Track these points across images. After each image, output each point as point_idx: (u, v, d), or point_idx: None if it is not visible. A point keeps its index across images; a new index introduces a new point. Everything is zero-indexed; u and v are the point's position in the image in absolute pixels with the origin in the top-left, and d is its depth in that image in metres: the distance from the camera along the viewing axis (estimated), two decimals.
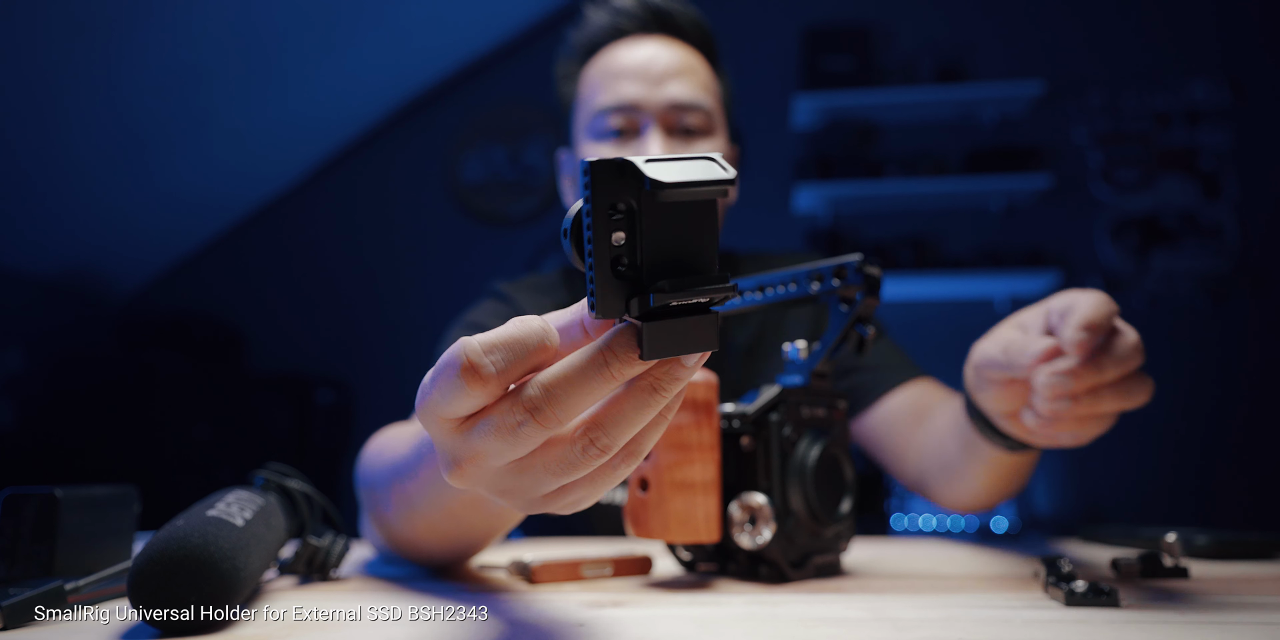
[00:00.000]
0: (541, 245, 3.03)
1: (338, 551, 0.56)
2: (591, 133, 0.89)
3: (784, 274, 0.58)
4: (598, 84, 0.89)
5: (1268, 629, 0.39)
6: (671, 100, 0.86)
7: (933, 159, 2.72)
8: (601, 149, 0.88)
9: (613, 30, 0.91)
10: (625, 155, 0.78)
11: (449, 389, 0.29)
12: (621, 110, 0.86)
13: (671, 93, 0.86)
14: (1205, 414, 2.57)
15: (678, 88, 0.86)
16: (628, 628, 0.40)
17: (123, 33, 2.17)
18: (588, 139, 0.89)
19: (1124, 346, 0.49)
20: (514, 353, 0.29)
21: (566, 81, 0.96)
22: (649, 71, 0.87)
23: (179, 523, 0.40)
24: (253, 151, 2.90)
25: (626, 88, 0.86)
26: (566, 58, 0.96)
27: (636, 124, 0.87)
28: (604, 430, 0.30)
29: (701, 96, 0.88)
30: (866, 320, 0.57)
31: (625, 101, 0.86)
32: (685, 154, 0.28)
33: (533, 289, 0.99)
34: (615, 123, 0.87)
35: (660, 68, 0.87)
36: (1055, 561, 0.51)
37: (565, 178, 0.99)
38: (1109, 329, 0.49)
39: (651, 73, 0.87)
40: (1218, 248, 2.64)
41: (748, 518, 0.53)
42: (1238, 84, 2.68)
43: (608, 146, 0.88)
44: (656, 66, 0.87)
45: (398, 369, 3.00)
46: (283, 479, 0.56)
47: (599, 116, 0.88)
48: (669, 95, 0.86)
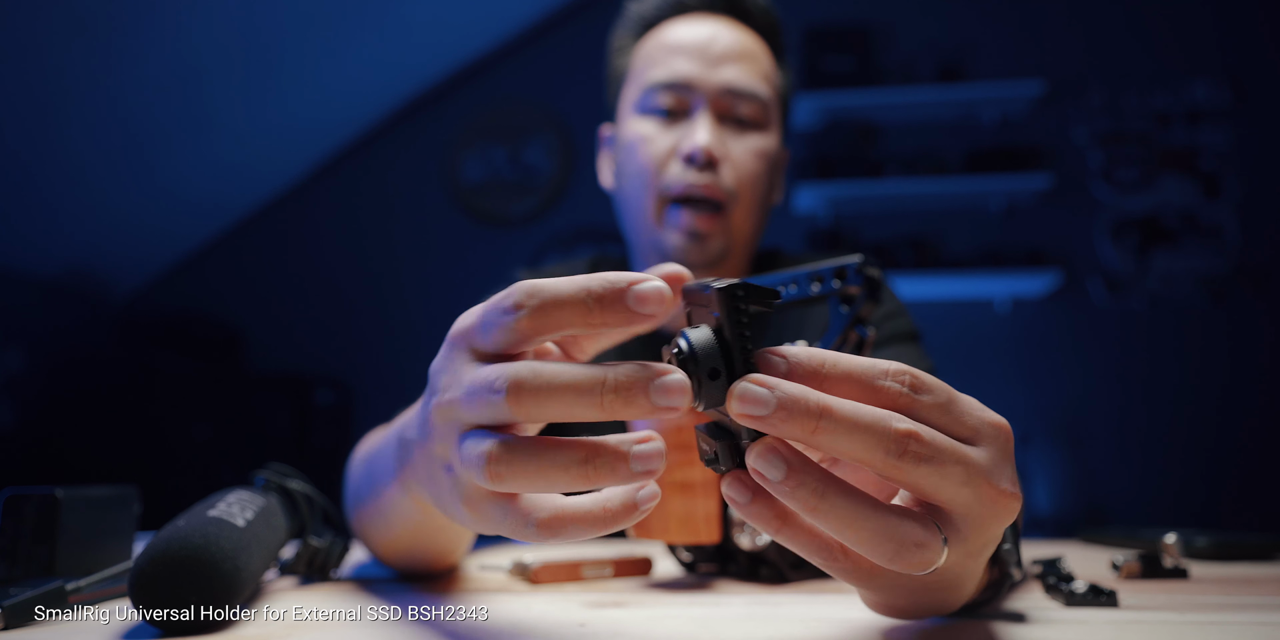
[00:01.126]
0: (542, 245, 3.03)
1: (338, 552, 0.56)
2: (640, 107, 0.84)
3: (784, 275, 0.58)
4: (652, 58, 0.84)
5: (1268, 629, 0.39)
6: (727, 84, 0.81)
7: (933, 159, 2.72)
8: (646, 125, 0.83)
9: (676, 4, 0.86)
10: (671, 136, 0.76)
11: (493, 313, 0.30)
12: (673, 88, 0.81)
13: (728, 76, 0.81)
14: (1205, 414, 2.57)
15: (735, 72, 0.81)
16: (628, 628, 0.40)
17: (123, 33, 2.17)
18: (634, 114, 0.85)
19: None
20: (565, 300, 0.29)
21: (619, 54, 0.90)
22: (708, 51, 0.81)
23: (180, 523, 0.40)
24: (253, 151, 2.90)
25: (681, 64, 0.81)
26: (623, 30, 0.90)
27: (687, 104, 0.82)
28: (505, 463, 0.29)
29: (759, 85, 0.82)
30: (867, 321, 0.57)
31: (679, 79, 0.81)
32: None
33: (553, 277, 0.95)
34: (665, 101, 0.82)
35: (720, 48, 0.82)
36: (1055, 562, 0.51)
37: (605, 154, 0.94)
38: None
39: (710, 53, 0.81)
40: (1218, 248, 2.64)
41: None
42: (1238, 84, 2.68)
43: (653, 124, 0.83)
44: (716, 47, 0.82)
45: (398, 369, 3.00)
46: (283, 479, 0.56)
47: (649, 92, 0.83)
48: (725, 78, 0.81)
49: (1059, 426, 2.66)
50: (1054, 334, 2.71)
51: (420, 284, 3.07)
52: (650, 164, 0.81)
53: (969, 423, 0.30)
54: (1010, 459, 0.31)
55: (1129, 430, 2.61)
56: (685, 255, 0.81)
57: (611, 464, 0.29)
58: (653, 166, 0.81)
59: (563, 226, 3.03)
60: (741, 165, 0.81)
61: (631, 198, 0.85)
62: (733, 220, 0.82)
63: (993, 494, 0.30)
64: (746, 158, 0.82)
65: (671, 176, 0.80)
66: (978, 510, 0.30)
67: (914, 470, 0.28)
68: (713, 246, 0.82)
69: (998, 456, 0.30)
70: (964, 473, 0.29)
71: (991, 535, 0.31)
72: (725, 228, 0.82)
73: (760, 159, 0.83)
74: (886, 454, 0.28)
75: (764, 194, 0.85)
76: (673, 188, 0.80)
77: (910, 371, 0.30)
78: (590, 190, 3.04)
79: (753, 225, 0.85)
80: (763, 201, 0.85)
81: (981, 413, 0.31)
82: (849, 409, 0.28)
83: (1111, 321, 2.67)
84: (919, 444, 0.28)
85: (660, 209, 0.82)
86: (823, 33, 2.79)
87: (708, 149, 0.78)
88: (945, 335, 2.49)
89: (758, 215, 0.85)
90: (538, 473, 0.29)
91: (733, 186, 0.81)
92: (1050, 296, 2.70)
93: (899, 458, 0.28)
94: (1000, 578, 0.40)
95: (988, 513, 0.30)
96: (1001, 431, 0.31)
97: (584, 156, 3.05)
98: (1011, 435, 0.31)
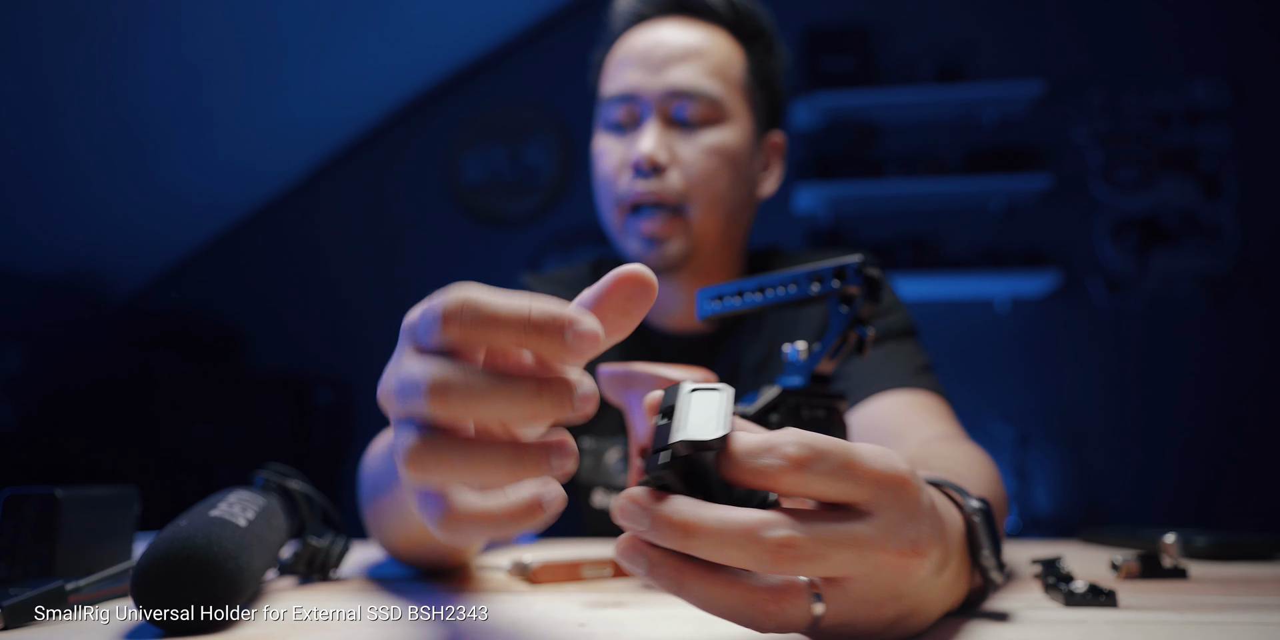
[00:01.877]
0: (542, 245, 3.03)
1: (338, 552, 0.56)
2: (601, 123, 0.86)
3: (784, 275, 0.58)
4: (608, 73, 0.86)
5: (1267, 629, 0.39)
6: (670, 87, 0.81)
7: (933, 159, 2.73)
8: (605, 141, 0.85)
9: (633, 16, 0.87)
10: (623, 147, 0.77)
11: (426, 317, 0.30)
12: (624, 100, 0.83)
13: (670, 79, 0.81)
14: (1205, 414, 2.57)
15: (678, 73, 0.81)
16: (628, 628, 0.40)
17: (123, 33, 2.17)
18: (598, 129, 0.87)
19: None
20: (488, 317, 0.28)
21: (594, 72, 0.92)
22: (651, 57, 0.82)
23: (182, 523, 0.40)
24: (253, 151, 2.90)
25: (629, 75, 0.82)
26: (598, 47, 0.92)
27: (637, 114, 0.83)
28: (422, 454, 0.29)
29: (704, 82, 0.81)
30: (867, 321, 0.57)
31: (626, 90, 0.82)
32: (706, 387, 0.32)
33: (555, 282, 0.96)
34: (618, 114, 0.84)
35: (663, 52, 0.82)
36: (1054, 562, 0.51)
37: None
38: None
39: (654, 58, 0.82)
40: (1218, 248, 2.64)
41: None
42: (1238, 84, 2.68)
43: (611, 138, 0.85)
44: (660, 51, 0.82)
45: None
46: (283, 479, 0.56)
47: (605, 107, 0.85)
48: (667, 82, 0.81)
49: (1059, 426, 2.66)
50: (1054, 334, 2.71)
51: (420, 284, 3.06)
52: (608, 177, 0.85)
53: (867, 483, 0.30)
54: (914, 510, 0.31)
55: (1128, 430, 2.61)
56: (647, 262, 0.82)
57: (536, 459, 0.29)
58: (609, 178, 0.84)
59: (563, 226, 3.03)
60: (691, 166, 0.82)
61: (602, 211, 0.88)
62: (692, 221, 0.83)
63: (890, 560, 0.30)
64: (697, 157, 0.82)
65: (624, 187, 0.83)
66: (878, 577, 0.31)
67: (799, 567, 0.29)
68: (671, 250, 0.83)
69: (897, 516, 0.31)
70: (853, 555, 0.30)
71: (901, 590, 0.32)
72: (684, 229, 0.83)
73: (713, 156, 0.82)
74: (762, 562, 0.29)
75: (725, 190, 0.84)
76: (625, 197, 0.83)
77: (800, 442, 0.30)
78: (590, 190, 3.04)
79: (719, 223, 0.85)
80: (726, 197, 0.84)
81: (882, 468, 0.31)
82: (714, 528, 0.29)
83: (1111, 321, 2.67)
84: (795, 550, 0.29)
85: (621, 219, 0.84)
86: (823, 33, 2.79)
87: (649, 156, 0.80)
88: (945, 335, 2.49)
89: (723, 213, 0.84)
90: (459, 466, 0.29)
91: (683, 188, 0.82)
92: (1050, 296, 2.70)
93: (776, 563, 0.29)
94: (983, 585, 0.41)
95: (888, 576, 0.31)
96: (903, 486, 0.31)
97: (584, 156, 3.05)
98: (915, 485, 0.32)
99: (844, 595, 0.31)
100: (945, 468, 0.51)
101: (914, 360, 0.83)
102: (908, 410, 0.76)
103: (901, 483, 0.31)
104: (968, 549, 0.39)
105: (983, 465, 0.61)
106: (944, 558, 0.34)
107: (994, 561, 0.40)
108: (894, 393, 0.78)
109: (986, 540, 0.39)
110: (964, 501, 0.40)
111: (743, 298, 0.60)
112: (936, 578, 0.34)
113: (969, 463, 0.59)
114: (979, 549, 0.39)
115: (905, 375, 0.80)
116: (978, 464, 0.60)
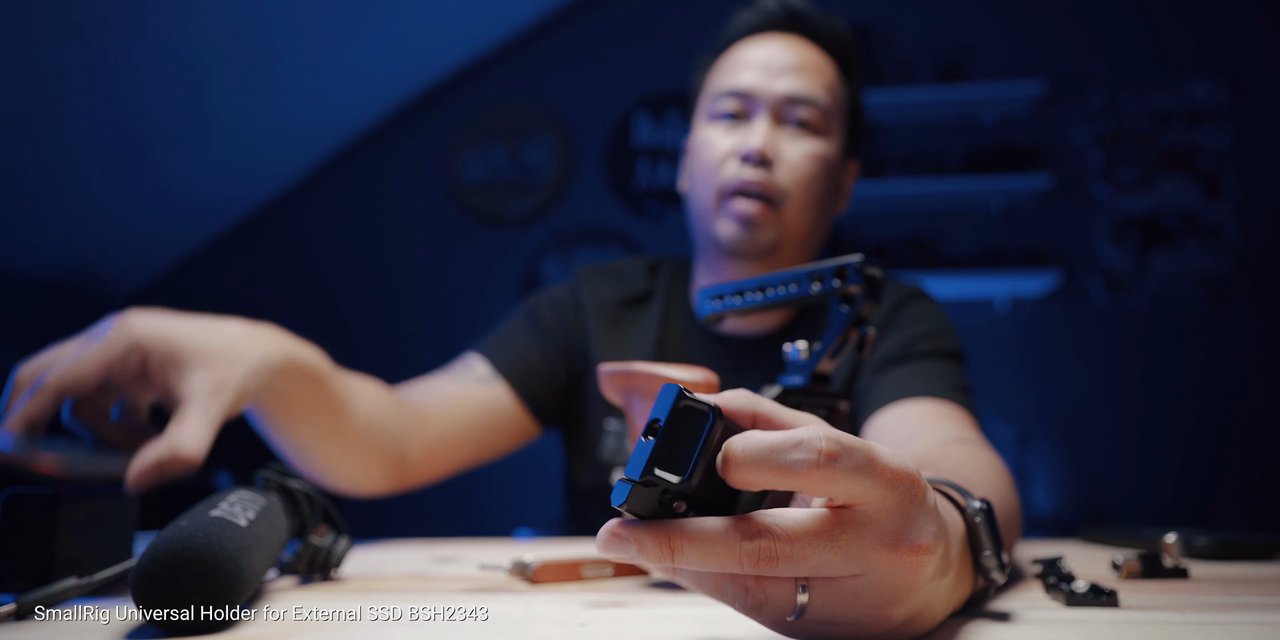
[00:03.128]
0: (542, 245, 3.03)
1: (339, 552, 0.56)
2: (708, 114, 0.92)
3: (784, 274, 0.58)
4: (722, 73, 0.93)
5: (1267, 629, 0.39)
6: (785, 92, 0.88)
7: (933, 159, 2.73)
8: (712, 131, 0.90)
9: (750, 27, 0.94)
10: (732, 138, 0.80)
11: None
12: (736, 95, 0.89)
13: (786, 85, 0.88)
14: (1205, 414, 2.57)
15: (793, 81, 0.88)
16: (628, 628, 0.40)
17: (122, 33, 2.17)
18: (703, 119, 0.93)
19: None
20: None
21: (699, 71, 0.99)
22: (771, 64, 0.89)
23: (183, 523, 0.40)
24: (252, 152, 2.90)
25: (746, 76, 0.89)
26: (706, 50, 0.99)
27: (748, 110, 0.89)
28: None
29: (817, 92, 0.89)
30: (867, 321, 0.57)
31: (741, 88, 0.89)
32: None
33: (611, 274, 1.02)
34: (728, 106, 0.90)
35: (782, 62, 0.89)
36: (1055, 562, 0.51)
37: (685, 162, 1.01)
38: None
39: (773, 66, 0.89)
40: (1218, 248, 2.64)
41: None
42: (1238, 84, 2.69)
43: (718, 129, 0.90)
44: (779, 61, 0.89)
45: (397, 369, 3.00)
46: (283, 479, 0.56)
47: (716, 99, 0.91)
48: (783, 87, 0.88)
49: (1059, 426, 2.66)
50: (1054, 334, 2.71)
51: (420, 284, 3.07)
52: (712, 163, 0.89)
53: (883, 482, 0.30)
54: (920, 510, 0.32)
55: (1129, 430, 2.61)
56: (737, 243, 0.87)
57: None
58: (714, 165, 0.89)
59: (563, 226, 3.03)
60: (795, 165, 0.88)
61: (696, 195, 0.92)
62: (785, 215, 0.88)
63: (889, 559, 0.30)
64: (800, 159, 0.88)
65: (729, 173, 0.87)
66: (875, 576, 0.31)
67: (778, 568, 0.30)
68: (764, 236, 0.87)
69: (901, 515, 0.31)
70: (836, 557, 0.30)
71: (903, 589, 0.32)
72: (777, 221, 0.87)
73: (814, 161, 0.89)
74: (744, 566, 0.30)
75: (819, 196, 0.90)
76: (730, 183, 0.87)
77: (827, 435, 0.30)
78: (590, 190, 3.04)
79: (806, 224, 0.90)
80: (818, 203, 0.90)
81: (897, 467, 0.31)
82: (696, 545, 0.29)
83: (1111, 321, 2.67)
84: (773, 555, 0.30)
85: (718, 202, 0.88)
86: None
87: (761, 149, 0.85)
88: None
89: (812, 215, 0.90)
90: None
91: (785, 185, 0.87)
92: (1050, 296, 2.70)
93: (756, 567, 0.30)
94: (985, 586, 0.41)
95: (887, 575, 0.31)
96: (912, 484, 0.31)
97: (584, 156, 3.05)
98: (923, 485, 0.32)
99: (836, 590, 0.31)
100: (954, 470, 0.51)
101: (953, 378, 0.85)
102: (929, 416, 0.78)
103: (911, 481, 0.31)
104: (969, 549, 0.39)
105: (995, 471, 0.61)
106: (946, 557, 0.34)
107: (995, 562, 0.40)
108: (922, 400, 0.80)
109: (988, 540, 0.39)
110: (965, 502, 0.40)
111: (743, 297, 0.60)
112: (941, 578, 0.34)
113: (980, 467, 0.59)
114: (980, 549, 0.39)
115: (941, 388, 0.82)
116: (990, 469, 0.60)
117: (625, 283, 1.00)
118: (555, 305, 0.99)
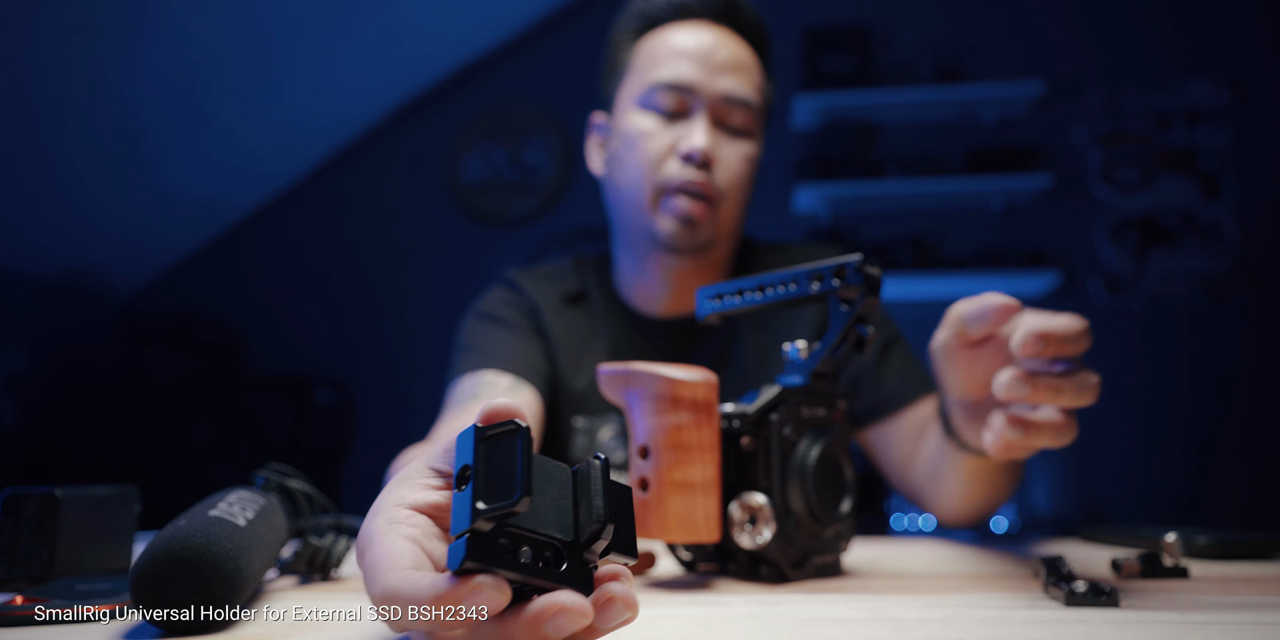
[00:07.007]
0: (542, 245, 3.03)
1: (338, 552, 0.56)
2: (642, 103, 0.89)
3: (784, 274, 0.58)
4: (655, 58, 0.90)
5: (1268, 629, 0.39)
6: (726, 92, 0.87)
7: (933, 159, 2.73)
8: (647, 121, 0.88)
9: (679, 8, 0.91)
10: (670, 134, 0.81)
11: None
12: (676, 89, 0.87)
13: (727, 85, 0.87)
14: (1205, 414, 2.57)
15: (734, 82, 0.88)
16: (628, 628, 0.40)
17: (122, 33, 2.17)
18: (635, 108, 0.90)
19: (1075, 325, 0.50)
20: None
21: (620, 47, 0.95)
22: (711, 59, 0.88)
23: (182, 523, 0.40)
24: (252, 152, 2.90)
25: (686, 69, 0.87)
26: (625, 25, 0.95)
27: (687, 106, 0.88)
28: None
29: (751, 94, 0.89)
30: (867, 320, 0.57)
31: (683, 81, 0.87)
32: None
33: (542, 277, 1.01)
34: (666, 100, 0.88)
35: (721, 58, 0.88)
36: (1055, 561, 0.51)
37: (595, 139, 1.00)
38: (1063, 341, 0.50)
39: (713, 61, 0.88)
40: (1217, 248, 2.64)
41: (748, 518, 0.53)
42: (1238, 84, 2.69)
43: (654, 121, 0.88)
44: (718, 56, 0.88)
45: (398, 369, 3.00)
46: (283, 479, 0.56)
47: (652, 90, 0.88)
48: (725, 87, 0.87)
49: None
50: None
51: (420, 284, 3.07)
52: (650, 158, 0.88)
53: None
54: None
55: (1129, 429, 2.61)
56: (676, 240, 0.88)
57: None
58: (652, 161, 0.88)
59: (563, 226, 3.03)
60: (730, 166, 0.89)
61: (627, 187, 0.91)
62: (720, 214, 0.89)
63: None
64: (736, 161, 0.89)
65: (670, 172, 0.87)
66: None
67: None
68: (702, 234, 0.89)
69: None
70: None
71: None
72: (713, 219, 0.89)
73: (748, 163, 0.90)
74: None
75: (748, 194, 0.93)
76: (671, 182, 0.87)
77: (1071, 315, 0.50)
78: (590, 190, 3.04)
79: (738, 221, 0.93)
80: (747, 200, 0.93)
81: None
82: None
83: (1111, 321, 2.67)
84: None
85: (656, 199, 0.88)
86: (822, 33, 2.79)
87: (705, 150, 0.85)
88: None
89: (742, 212, 0.93)
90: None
91: (723, 186, 0.88)
92: (1050, 296, 2.70)
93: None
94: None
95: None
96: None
97: (583, 156, 3.05)
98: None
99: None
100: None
101: (920, 365, 0.92)
102: (933, 408, 0.84)
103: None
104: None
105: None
106: None
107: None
108: (929, 398, 0.88)
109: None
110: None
111: (743, 296, 0.60)
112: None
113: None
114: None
115: (927, 381, 0.89)
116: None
117: (560, 282, 1.00)
118: (508, 305, 0.98)
